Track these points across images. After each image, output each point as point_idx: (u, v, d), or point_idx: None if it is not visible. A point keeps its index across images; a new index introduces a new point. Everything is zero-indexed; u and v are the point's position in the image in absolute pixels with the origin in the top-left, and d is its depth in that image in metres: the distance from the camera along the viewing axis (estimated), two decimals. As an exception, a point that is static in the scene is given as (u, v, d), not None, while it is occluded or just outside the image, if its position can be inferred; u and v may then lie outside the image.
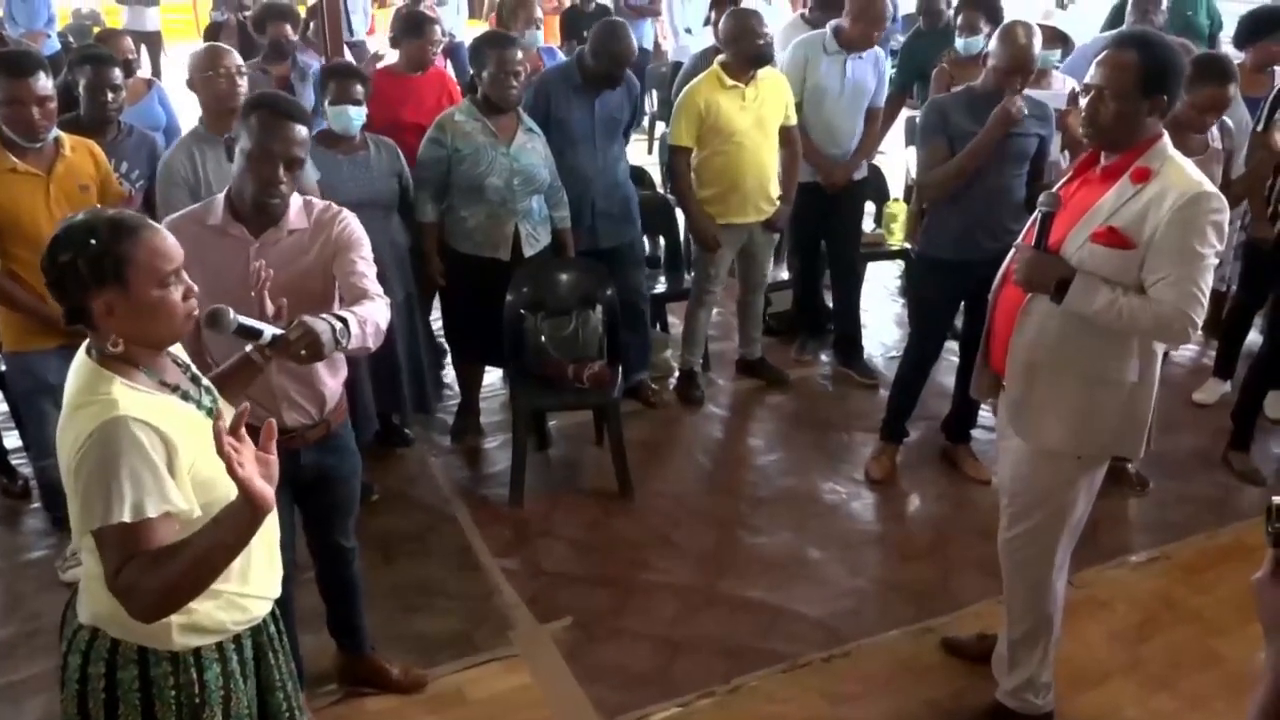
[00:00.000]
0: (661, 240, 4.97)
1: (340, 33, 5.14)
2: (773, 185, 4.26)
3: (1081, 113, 2.30)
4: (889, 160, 5.22)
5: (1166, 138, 2.27)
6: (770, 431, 4.34)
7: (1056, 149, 3.84)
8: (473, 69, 3.74)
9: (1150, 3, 4.94)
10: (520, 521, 3.65)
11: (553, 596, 3.25)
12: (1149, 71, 2.20)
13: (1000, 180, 3.42)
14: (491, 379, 4.46)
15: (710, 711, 2.81)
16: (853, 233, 4.75)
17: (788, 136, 4.28)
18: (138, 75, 4.76)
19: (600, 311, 3.83)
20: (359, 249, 2.27)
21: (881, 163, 5.13)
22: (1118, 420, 2.37)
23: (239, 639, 1.79)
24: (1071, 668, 2.86)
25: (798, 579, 3.34)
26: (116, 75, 3.42)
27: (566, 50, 5.31)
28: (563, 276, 3.87)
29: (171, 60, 10.90)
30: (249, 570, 1.75)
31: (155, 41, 9.53)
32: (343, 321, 1.94)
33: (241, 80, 3.25)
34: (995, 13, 4.41)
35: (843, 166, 4.45)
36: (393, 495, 3.78)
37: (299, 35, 5.08)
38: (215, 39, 6.20)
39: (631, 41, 3.99)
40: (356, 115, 3.48)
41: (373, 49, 7.57)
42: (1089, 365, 2.33)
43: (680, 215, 4.68)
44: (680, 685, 2.88)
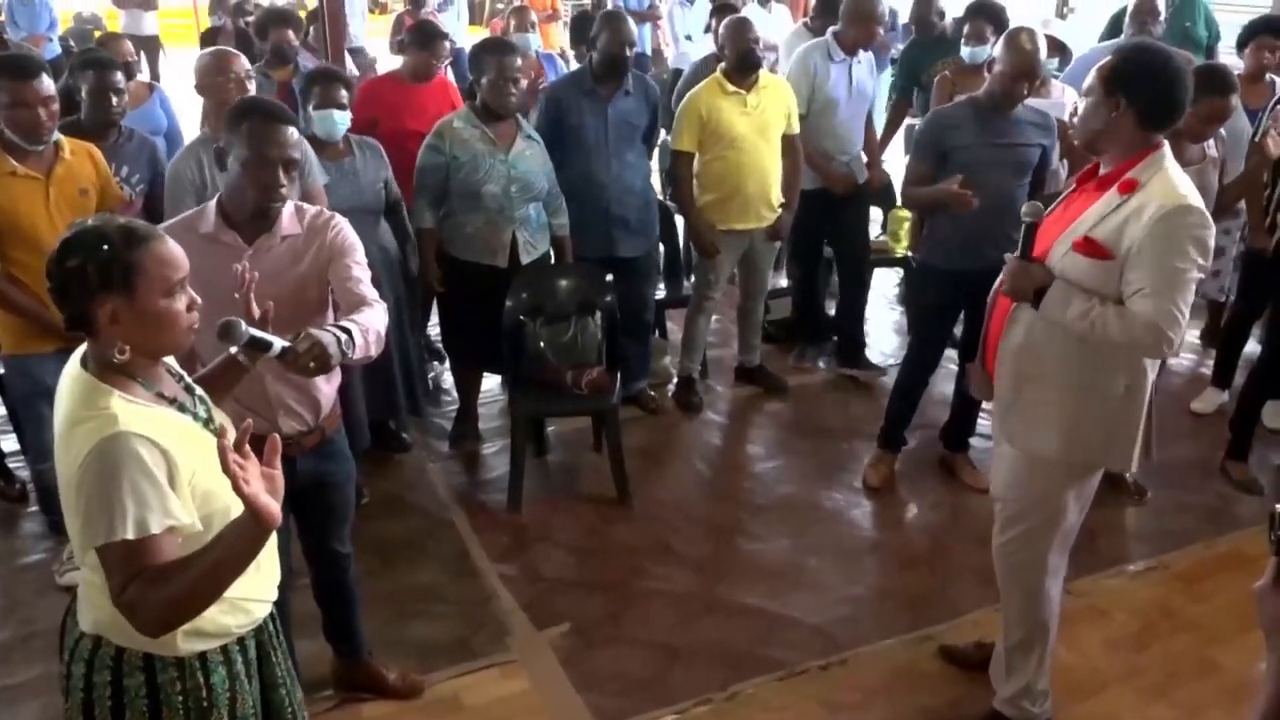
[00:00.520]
0: (661, 246, 4.98)
1: (341, 38, 5.17)
2: (774, 192, 4.26)
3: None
4: (891, 168, 5.23)
5: (1165, 150, 2.25)
6: (769, 439, 4.35)
7: (1056, 158, 3.85)
8: (472, 76, 3.75)
9: (1148, 14, 4.95)
10: (518, 527, 3.65)
11: (550, 603, 3.24)
12: (1115, 74, 2.21)
13: (1002, 190, 3.43)
14: (490, 385, 4.46)
15: (707, 719, 2.80)
16: (860, 238, 4.78)
17: (790, 144, 4.29)
18: (139, 79, 4.76)
19: (599, 317, 3.83)
20: (353, 254, 2.27)
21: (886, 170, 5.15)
22: (1103, 431, 2.37)
23: (243, 640, 1.80)
24: (1069, 676, 2.86)
25: (796, 586, 3.34)
26: (119, 79, 3.42)
27: (578, 55, 5.33)
28: (562, 282, 3.88)
29: (172, 64, 10.93)
30: (252, 574, 1.74)
31: (153, 46, 9.55)
32: (346, 332, 1.96)
33: (250, 85, 3.25)
34: (1002, 22, 4.42)
35: (849, 174, 4.46)
36: (391, 500, 3.77)
37: (300, 40, 5.09)
38: (213, 44, 6.21)
39: (629, 23, 3.99)
40: (341, 119, 3.48)
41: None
42: (1074, 374, 2.33)
43: (680, 221, 4.69)
44: (678, 692, 2.87)
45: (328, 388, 2.40)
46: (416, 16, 7.27)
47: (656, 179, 5.62)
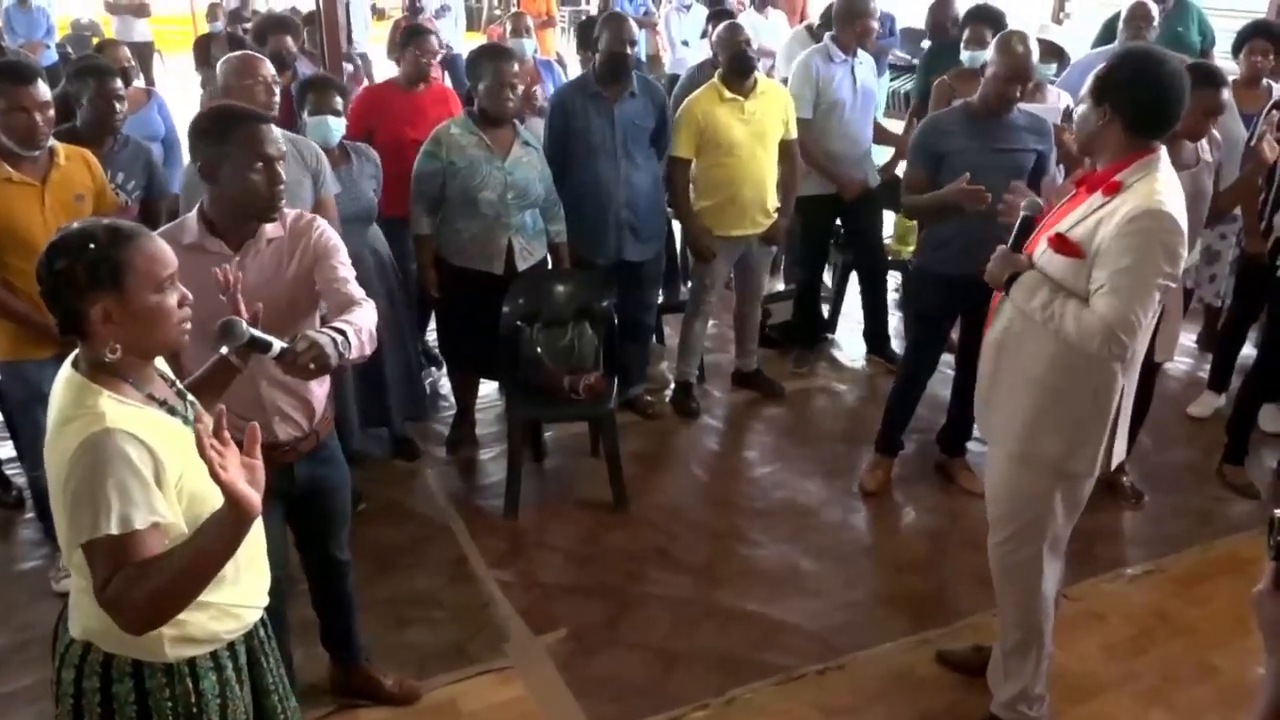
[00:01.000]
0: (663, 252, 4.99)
1: (339, 44, 5.16)
2: (770, 198, 4.27)
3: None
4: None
5: (1160, 155, 2.25)
6: (766, 444, 4.34)
7: (1053, 163, 3.85)
8: (470, 81, 3.75)
9: (1142, 19, 4.95)
10: (515, 533, 3.65)
11: (547, 608, 3.24)
12: (1105, 80, 2.23)
13: (998, 195, 3.42)
14: (487, 390, 4.46)
15: (705, 724, 2.80)
16: (876, 239, 4.82)
17: (787, 150, 4.30)
18: (136, 85, 4.76)
19: (597, 323, 3.83)
20: (338, 254, 2.27)
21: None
22: (1068, 432, 2.36)
23: (233, 646, 1.79)
24: (1067, 680, 2.86)
25: (793, 591, 3.34)
26: (120, 86, 3.42)
27: (583, 60, 5.34)
28: (559, 288, 3.88)
29: (169, 71, 10.93)
30: (239, 579, 1.74)
31: (146, 52, 9.52)
32: (341, 333, 1.96)
33: (276, 89, 3.24)
34: (1002, 26, 4.44)
35: (860, 178, 4.47)
36: (388, 506, 3.77)
37: (298, 47, 5.09)
38: (206, 50, 6.21)
39: (630, 23, 4.00)
40: (336, 126, 3.49)
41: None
42: (1044, 372, 2.34)
43: (677, 226, 4.70)
44: (675, 697, 2.87)
45: (320, 390, 2.39)
46: (413, 22, 7.27)
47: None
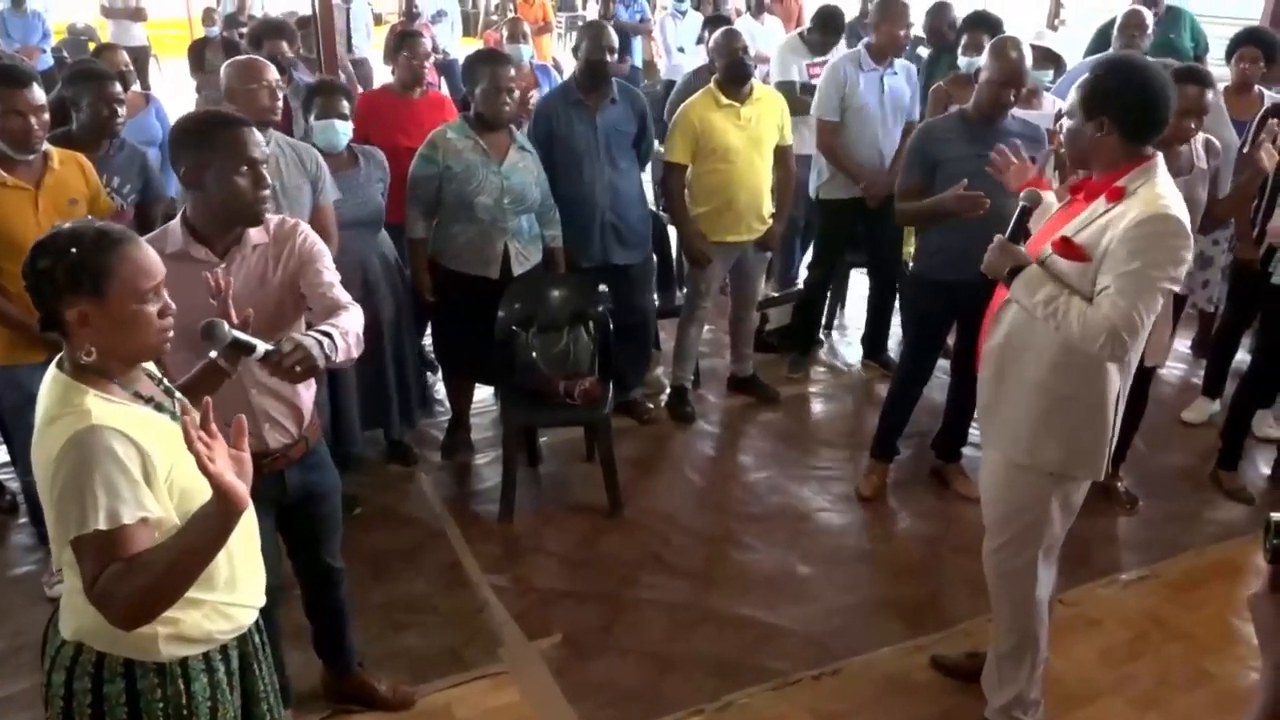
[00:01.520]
0: (654, 256, 4.99)
1: (335, 49, 5.17)
2: (766, 204, 4.28)
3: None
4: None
5: (1158, 161, 2.26)
6: (761, 449, 4.34)
7: (1050, 169, 3.86)
8: (466, 86, 3.75)
9: (1136, 27, 4.97)
10: (510, 538, 3.64)
11: (542, 613, 3.23)
12: (1094, 92, 2.24)
13: (995, 202, 3.43)
14: (482, 395, 4.46)
15: (700, 729, 2.80)
16: (895, 246, 4.81)
17: (782, 156, 4.31)
18: (134, 89, 4.76)
19: (592, 328, 3.83)
20: (322, 259, 2.27)
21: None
22: (1072, 437, 2.37)
23: (225, 649, 1.78)
24: (1061, 686, 2.86)
25: (788, 596, 3.34)
26: (119, 90, 3.42)
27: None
28: (555, 292, 3.88)
29: (165, 75, 10.94)
30: (235, 579, 1.74)
31: (142, 56, 9.52)
32: (327, 336, 1.96)
33: (280, 94, 3.24)
34: (999, 32, 4.45)
35: (885, 179, 4.48)
36: (382, 511, 3.76)
37: (294, 51, 5.09)
38: (201, 55, 6.21)
39: (608, 30, 4.03)
40: (343, 130, 3.49)
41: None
42: (1048, 378, 2.35)
43: (672, 231, 4.70)
44: (670, 702, 2.86)
45: (307, 395, 2.39)
46: (405, 27, 7.28)
47: (650, 189, 5.65)
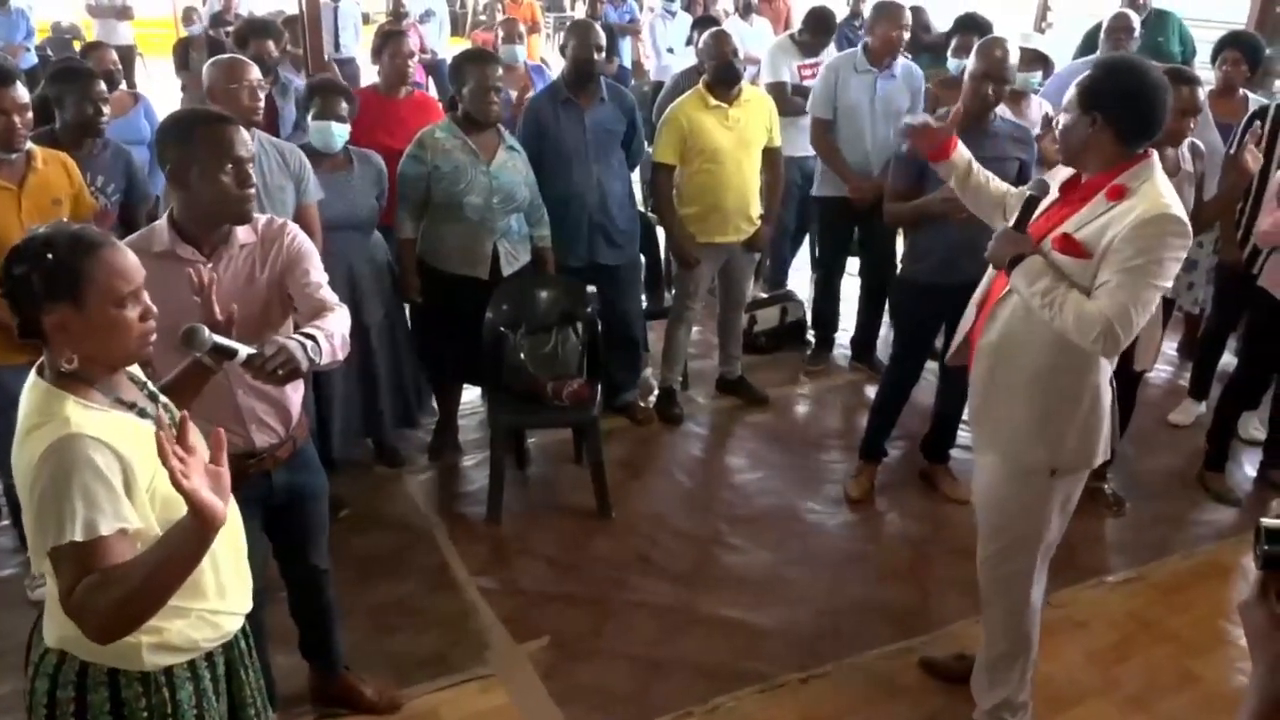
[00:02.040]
0: (642, 258, 4.98)
1: (322, 48, 5.14)
2: (754, 205, 4.28)
3: (1056, 135, 2.37)
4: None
5: (1154, 160, 2.27)
6: (749, 450, 4.34)
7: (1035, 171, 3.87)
8: (453, 86, 3.74)
9: (1123, 30, 4.99)
10: (498, 540, 3.63)
11: (530, 616, 3.22)
12: (1092, 91, 2.24)
13: None
14: (470, 397, 4.44)
15: (688, 732, 2.79)
16: (888, 248, 4.81)
17: (771, 158, 4.31)
18: (122, 89, 4.73)
19: (580, 329, 3.82)
20: (310, 259, 2.26)
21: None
22: (1063, 434, 2.37)
23: (211, 656, 1.76)
24: (1049, 688, 2.86)
25: (776, 599, 3.33)
26: (103, 89, 3.39)
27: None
28: (543, 294, 3.86)
29: (151, 74, 10.87)
30: (221, 586, 1.72)
31: (127, 55, 9.46)
32: (312, 339, 1.94)
33: (261, 94, 3.22)
34: (988, 34, 4.46)
35: (871, 183, 4.48)
36: (370, 513, 3.74)
37: (280, 50, 5.07)
38: (186, 54, 6.17)
39: (595, 30, 4.03)
40: (340, 131, 3.47)
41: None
42: (1039, 377, 2.35)
43: (661, 232, 4.70)
44: (658, 705, 2.85)
45: (296, 396, 2.37)
46: (395, 27, 7.26)
47: (638, 190, 5.65)
